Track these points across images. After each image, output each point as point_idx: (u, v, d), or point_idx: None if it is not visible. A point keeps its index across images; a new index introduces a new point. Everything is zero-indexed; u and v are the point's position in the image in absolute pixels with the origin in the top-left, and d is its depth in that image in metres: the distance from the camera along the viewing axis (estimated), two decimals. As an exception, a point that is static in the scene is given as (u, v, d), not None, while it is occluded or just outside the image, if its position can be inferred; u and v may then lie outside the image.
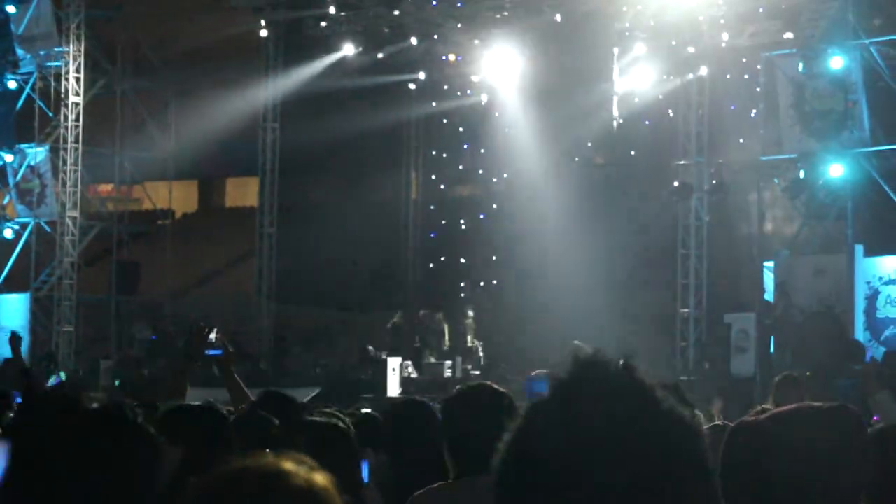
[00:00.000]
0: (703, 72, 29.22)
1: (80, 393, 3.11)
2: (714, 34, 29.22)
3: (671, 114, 30.51)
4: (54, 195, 35.00)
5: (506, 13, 32.22)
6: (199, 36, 32.23)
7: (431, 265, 35.95)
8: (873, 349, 24.13)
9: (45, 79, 35.55)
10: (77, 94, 35.05)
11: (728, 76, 30.40)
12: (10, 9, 35.10)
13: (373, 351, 30.17)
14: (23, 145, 35.41)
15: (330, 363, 30.67)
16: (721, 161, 28.61)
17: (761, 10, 28.41)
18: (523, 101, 32.54)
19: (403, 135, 35.99)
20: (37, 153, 35.15)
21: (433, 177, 36.26)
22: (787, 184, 26.35)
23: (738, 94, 30.28)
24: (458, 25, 33.01)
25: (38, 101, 35.27)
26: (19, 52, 35.72)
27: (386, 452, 6.55)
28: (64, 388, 24.07)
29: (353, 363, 30.56)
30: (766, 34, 28.35)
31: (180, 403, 5.88)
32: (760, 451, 3.01)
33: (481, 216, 35.21)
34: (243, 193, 39.03)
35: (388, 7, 32.12)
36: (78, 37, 34.87)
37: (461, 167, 35.77)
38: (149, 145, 36.11)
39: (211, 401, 5.82)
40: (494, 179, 35.02)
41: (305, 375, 30.11)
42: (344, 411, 8.99)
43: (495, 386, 5.65)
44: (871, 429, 4.00)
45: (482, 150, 35.12)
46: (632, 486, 1.86)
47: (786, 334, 25.36)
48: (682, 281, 28.80)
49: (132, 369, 32.16)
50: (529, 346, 27.70)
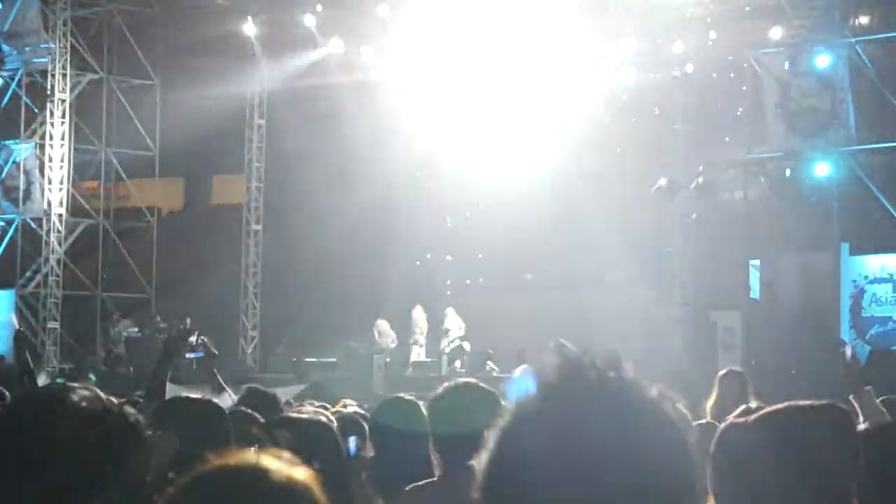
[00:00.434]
0: (690, 70, 29.25)
1: (67, 389, 3.07)
2: (700, 32, 29.25)
3: (657, 112, 30.53)
4: (40, 192, 34.94)
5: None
6: (186, 33, 32.17)
7: (417, 262, 35.94)
8: (859, 347, 24.17)
9: (31, 75, 35.49)
10: (63, 90, 34.99)
11: (714, 74, 30.45)
12: (-4, 5, 35.07)
13: (355, 347, 30.19)
14: (8, 142, 35.36)
15: (315, 360, 30.65)
16: (707, 159, 28.64)
17: (748, 8, 28.44)
18: (508, 97, 32.52)
19: (390, 131, 35.94)
20: (23, 149, 35.09)
21: (419, 174, 36.22)
22: (773, 182, 26.39)
23: (725, 92, 30.32)
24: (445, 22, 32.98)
25: (25, 98, 35.21)
26: (5, 48, 35.67)
27: (373, 450, 6.55)
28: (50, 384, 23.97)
29: (338, 360, 30.55)
30: (753, 32, 28.38)
31: (176, 396, 5.88)
32: (750, 452, 3.01)
33: (467, 214, 35.21)
34: (229, 191, 38.95)
35: (374, 3, 32.13)
36: (64, 33, 34.81)
37: (447, 164, 35.73)
38: (135, 142, 36.05)
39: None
40: (480, 177, 34.98)
41: (291, 372, 30.11)
42: (329, 408, 9.00)
43: (481, 384, 5.65)
44: (858, 427, 3.99)
45: (468, 148, 35.08)
46: (618, 487, 1.86)
47: (771, 332, 25.40)
48: (668, 278, 28.83)
49: (115, 366, 32.16)
50: (515, 344, 27.70)
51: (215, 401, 5.77)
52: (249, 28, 33.99)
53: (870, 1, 26.61)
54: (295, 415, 6.74)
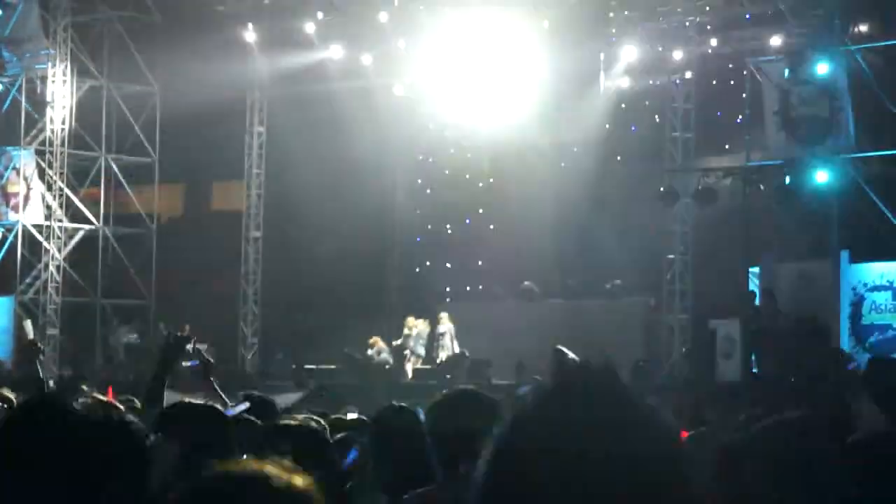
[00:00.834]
0: (690, 77, 29.27)
1: (69, 395, 3.08)
2: (701, 40, 29.29)
3: (657, 119, 30.55)
4: (40, 198, 34.94)
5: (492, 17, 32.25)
6: (186, 40, 32.17)
7: (417, 269, 35.95)
8: (858, 355, 24.13)
9: (31, 81, 35.50)
10: (63, 96, 35.01)
11: (714, 82, 30.48)
12: (-4, 10, 35.10)
13: (354, 354, 30.17)
14: (8, 148, 35.36)
15: (315, 367, 30.64)
16: (707, 167, 28.64)
17: (748, 16, 28.49)
18: (508, 104, 32.52)
19: (390, 139, 35.96)
20: (22, 155, 35.09)
21: (419, 181, 36.25)
22: (773, 189, 26.38)
23: (725, 99, 30.35)
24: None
25: (25, 104, 35.21)
26: (5, 54, 35.71)
27: (373, 457, 6.56)
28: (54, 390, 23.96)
29: (338, 367, 30.55)
30: (753, 40, 28.43)
31: (180, 401, 5.89)
32: (745, 470, 3.03)
33: (467, 221, 35.23)
34: (229, 197, 38.96)
35: (375, 11, 32.16)
36: (64, 39, 34.84)
37: (447, 171, 35.76)
38: (135, 149, 36.05)
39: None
40: (480, 184, 35.02)
41: (290, 379, 30.09)
42: (329, 415, 9.01)
43: (480, 391, 5.67)
44: (852, 437, 4.00)
45: (468, 155, 35.11)
46: (614, 493, 1.87)
47: (771, 340, 25.38)
48: (667, 287, 28.83)
49: (114, 372, 32.13)
50: (515, 353, 27.70)
51: (217, 406, 5.78)
52: (249, 35, 34.00)
53: (870, 9, 26.63)
54: (286, 422, 6.77)
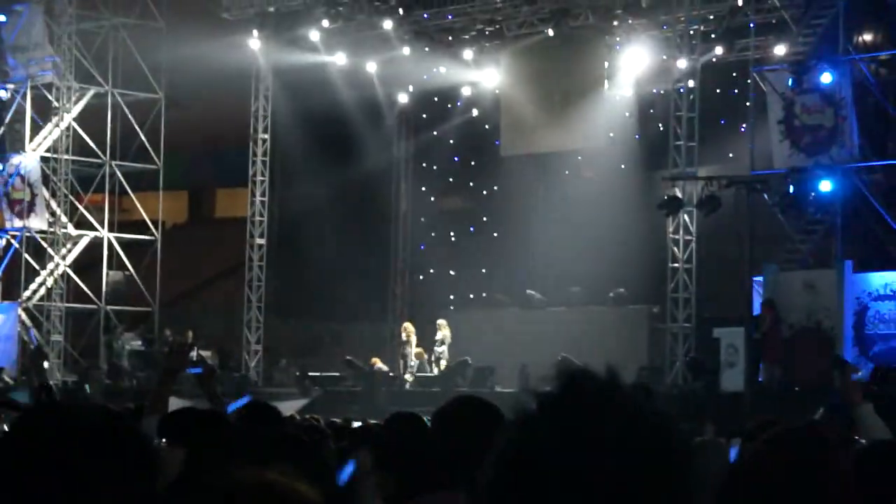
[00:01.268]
0: (694, 86, 29.26)
1: (76, 401, 3.10)
2: (705, 49, 29.30)
3: (661, 128, 30.55)
4: (44, 205, 34.98)
5: (497, 27, 32.30)
6: (190, 47, 32.20)
7: (421, 277, 35.95)
8: (862, 365, 24.12)
9: (36, 88, 35.55)
10: (68, 103, 35.05)
11: (718, 91, 30.49)
12: (0, 18, 35.13)
13: (357, 362, 30.16)
14: (13, 154, 35.41)
15: (319, 374, 30.65)
16: (711, 176, 28.62)
17: (752, 25, 28.51)
18: (513, 114, 32.55)
19: (394, 147, 36.02)
20: (27, 162, 35.14)
21: (423, 188, 36.27)
22: (777, 199, 26.37)
23: (729, 108, 30.36)
24: (450, 38, 33.08)
25: (30, 111, 35.26)
26: (10, 61, 35.75)
27: (378, 464, 6.56)
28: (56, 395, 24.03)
29: (341, 374, 30.57)
30: (757, 49, 28.44)
31: (183, 407, 5.90)
32: (751, 489, 3.03)
33: (471, 228, 35.23)
34: (233, 204, 39.00)
35: (379, 19, 32.21)
36: (69, 47, 34.88)
37: (451, 179, 35.80)
38: (139, 156, 36.06)
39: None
40: (484, 192, 35.05)
41: (294, 386, 30.11)
42: (333, 422, 9.01)
43: (484, 398, 5.68)
44: (856, 447, 4.01)
45: (472, 163, 35.16)
46: (617, 497, 1.88)
47: (774, 349, 25.37)
48: (671, 295, 28.80)
49: (118, 379, 32.18)
50: (518, 360, 27.71)
51: (220, 413, 5.78)
52: (254, 42, 34.01)
53: (874, 19, 26.63)
54: (286, 429, 6.78)
